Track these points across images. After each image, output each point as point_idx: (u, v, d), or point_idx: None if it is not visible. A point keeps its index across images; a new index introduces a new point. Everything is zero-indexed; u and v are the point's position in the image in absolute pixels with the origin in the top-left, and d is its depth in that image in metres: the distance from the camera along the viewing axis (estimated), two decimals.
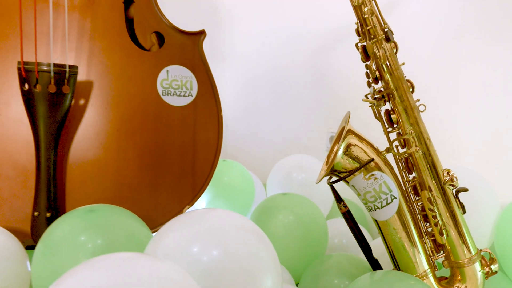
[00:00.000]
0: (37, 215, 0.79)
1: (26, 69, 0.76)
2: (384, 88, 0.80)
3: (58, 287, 0.44)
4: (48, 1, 0.83)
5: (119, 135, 0.86)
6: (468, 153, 1.10)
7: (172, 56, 0.91)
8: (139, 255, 0.49)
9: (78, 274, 0.45)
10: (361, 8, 0.78)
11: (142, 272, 0.45)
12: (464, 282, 0.79)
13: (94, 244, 0.66)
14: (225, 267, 0.57)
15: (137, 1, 0.90)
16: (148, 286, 0.44)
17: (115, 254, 0.48)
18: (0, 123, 0.82)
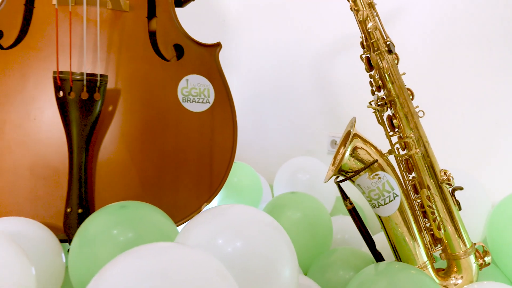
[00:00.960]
0: (69, 211, 0.81)
1: (61, 78, 0.79)
2: (386, 96, 0.82)
3: (107, 273, 0.46)
4: (79, 16, 0.86)
5: (143, 138, 0.88)
6: (461, 156, 1.12)
7: (191, 66, 0.93)
8: (175, 244, 0.51)
9: (123, 262, 0.47)
10: (366, 23, 0.80)
11: (178, 259, 0.48)
12: (460, 273, 0.81)
13: (126, 237, 0.67)
14: (248, 258, 0.59)
15: (159, 16, 0.93)
16: (184, 271, 0.46)
17: (154, 243, 0.50)
18: (35, 127, 0.84)
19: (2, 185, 0.81)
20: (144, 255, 0.47)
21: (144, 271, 0.45)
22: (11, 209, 0.82)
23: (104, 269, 0.47)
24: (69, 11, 0.82)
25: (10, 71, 0.84)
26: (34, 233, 0.73)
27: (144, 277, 0.45)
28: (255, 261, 0.59)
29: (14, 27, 0.86)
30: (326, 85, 1.57)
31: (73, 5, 0.85)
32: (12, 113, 0.83)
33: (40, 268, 0.68)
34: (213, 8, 1.81)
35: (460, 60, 1.15)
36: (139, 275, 0.45)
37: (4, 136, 0.82)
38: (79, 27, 0.85)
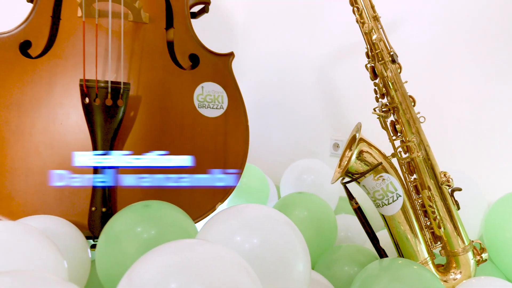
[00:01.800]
0: (94, 210, 0.82)
1: (87, 85, 0.80)
2: (390, 103, 0.83)
3: (139, 268, 0.47)
4: (103, 27, 0.87)
5: (162, 141, 0.89)
6: (459, 158, 1.13)
7: (206, 74, 0.94)
8: (201, 241, 0.52)
9: (154, 257, 0.48)
10: (371, 34, 0.82)
11: (204, 254, 0.49)
12: (459, 268, 0.82)
13: (149, 234, 0.69)
14: (264, 254, 0.60)
15: (176, 27, 0.94)
16: (210, 265, 0.48)
17: (181, 241, 0.52)
18: (62, 131, 0.85)
19: (30, 186, 0.83)
20: (173, 251, 0.49)
21: (174, 266, 0.47)
22: (39, 208, 0.83)
23: (137, 264, 0.48)
24: (96, 23, 0.83)
25: (38, 78, 0.86)
26: (62, 230, 0.74)
27: (174, 271, 0.46)
28: (271, 257, 0.60)
29: (42, 38, 0.87)
30: (328, 91, 1.58)
31: (94, 17, 0.87)
32: (40, 118, 0.84)
33: (69, 262, 0.69)
34: (222, 19, 1.82)
35: (455, 68, 1.16)
36: (169, 269, 0.46)
37: (33, 139, 0.83)
38: (102, 38, 0.86)
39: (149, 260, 0.48)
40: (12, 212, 0.82)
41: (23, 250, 0.57)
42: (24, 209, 0.83)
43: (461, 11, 1.16)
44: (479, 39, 1.13)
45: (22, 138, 0.83)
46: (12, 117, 0.83)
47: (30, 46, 0.86)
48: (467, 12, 1.15)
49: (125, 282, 0.47)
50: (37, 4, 0.88)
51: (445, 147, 1.07)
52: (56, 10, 0.88)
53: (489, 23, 1.11)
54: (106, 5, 0.86)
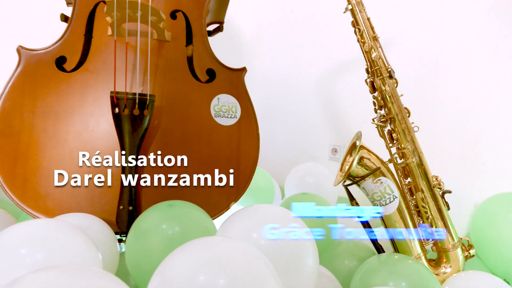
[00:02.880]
0: (121, 208, 0.83)
1: (117, 97, 0.81)
2: (387, 114, 0.85)
3: (170, 262, 0.49)
4: (130, 45, 0.89)
5: (182, 147, 0.90)
6: (447, 163, 1.14)
7: (222, 87, 0.95)
8: (222, 237, 0.54)
9: (183, 253, 0.50)
10: (371, 53, 0.83)
11: (228, 249, 0.50)
12: (449, 263, 0.83)
13: (173, 231, 0.70)
14: (277, 249, 0.61)
15: (195, 45, 0.96)
16: (233, 258, 0.49)
17: (206, 238, 0.53)
18: (93, 137, 0.86)
19: (65, 187, 0.84)
20: (200, 247, 0.50)
21: (202, 261, 0.48)
22: (72, 206, 0.84)
23: (168, 259, 0.50)
24: (126, 42, 0.85)
25: (72, 90, 0.87)
26: (94, 226, 0.75)
27: (202, 264, 0.47)
28: (283, 252, 0.61)
29: (76, 53, 0.89)
30: (327, 101, 1.60)
31: (124, 36, 0.88)
32: (74, 125, 0.86)
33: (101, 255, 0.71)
34: (231, 36, 1.84)
35: (443, 82, 1.18)
36: (198, 263, 0.47)
37: (68, 144, 0.85)
38: (129, 54, 0.88)
39: (179, 255, 0.49)
40: (48, 210, 0.83)
41: (62, 244, 0.58)
42: (59, 208, 0.84)
43: (447, 31, 1.17)
44: (463, 58, 1.15)
45: (58, 143, 0.84)
46: (49, 125, 0.85)
47: (65, 61, 0.88)
48: (453, 31, 1.16)
49: (158, 275, 0.48)
50: (71, 24, 0.89)
51: (434, 154, 1.09)
52: (88, 29, 0.90)
53: (473, 41, 1.13)
54: (133, 25, 0.88)
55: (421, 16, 1.23)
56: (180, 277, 0.46)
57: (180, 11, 0.95)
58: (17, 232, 0.56)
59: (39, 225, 0.59)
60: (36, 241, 0.56)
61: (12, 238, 0.55)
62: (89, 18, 0.90)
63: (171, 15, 0.94)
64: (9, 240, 0.55)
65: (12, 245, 0.54)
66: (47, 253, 0.55)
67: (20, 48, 0.86)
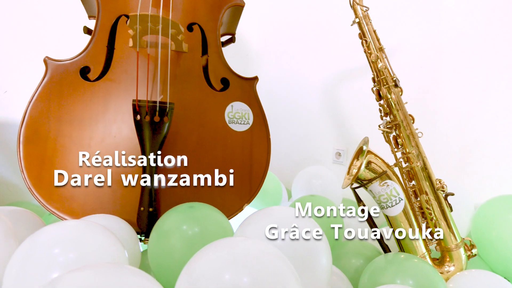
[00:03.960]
0: (142, 209, 0.84)
1: (139, 105, 0.82)
2: (392, 120, 0.85)
3: (197, 261, 0.49)
4: (150, 56, 0.90)
5: (199, 152, 0.91)
6: (446, 166, 1.15)
7: (235, 95, 0.96)
8: (244, 238, 0.54)
9: (208, 252, 0.50)
10: (377, 63, 0.84)
11: (250, 248, 0.51)
12: (452, 262, 0.84)
13: (193, 231, 0.70)
14: (293, 248, 0.62)
15: (210, 55, 0.97)
16: (255, 256, 0.49)
17: (229, 238, 0.53)
18: (115, 143, 0.87)
19: (89, 189, 0.85)
20: (224, 247, 0.51)
21: (226, 259, 0.48)
22: (96, 207, 0.85)
23: (193, 258, 0.50)
24: (148, 53, 0.86)
25: (95, 98, 0.88)
26: (118, 226, 0.76)
27: (226, 264, 0.48)
28: (298, 251, 0.62)
29: (99, 64, 0.90)
30: (331, 107, 1.60)
31: (145, 48, 0.90)
32: (97, 131, 0.87)
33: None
34: (238, 44, 1.85)
35: (443, 90, 1.18)
36: (223, 262, 0.48)
37: (91, 149, 0.85)
38: (150, 64, 0.88)
39: (204, 255, 0.50)
40: (73, 211, 0.84)
41: (92, 244, 0.59)
42: (83, 209, 0.84)
43: (445, 41, 1.18)
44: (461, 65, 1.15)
45: (82, 148, 0.85)
46: (74, 131, 0.86)
47: (89, 71, 0.89)
48: (452, 41, 1.17)
49: (185, 275, 0.49)
50: (95, 36, 0.91)
51: (434, 158, 1.09)
52: (110, 41, 0.91)
53: (471, 49, 1.14)
54: (152, 37, 0.89)
55: (421, 26, 1.23)
56: (206, 276, 0.47)
57: (196, 24, 0.96)
58: (50, 233, 0.57)
59: (70, 226, 0.60)
60: (68, 241, 0.56)
61: (45, 239, 0.56)
62: (111, 30, 0.91)
63: (188, 27, 0.95)
64: (43, 240, 0.56)
65: (46, 245, 0.55)
66: (78, 252, 0.56)
67: (47, 58, 0.87)
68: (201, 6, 0.97)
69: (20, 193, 1.36)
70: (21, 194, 1.36)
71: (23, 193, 1.36)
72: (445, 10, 1.17)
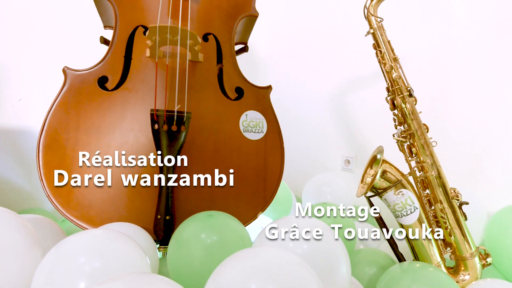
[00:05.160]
0: (159, 218, 0.85)
1: (157, 114, 0.83)
2: (406, 130, 0.86)
3: (223, 271, 0.50)
4: (167, 66, 0.91)
5: (214, 160, 0.92)
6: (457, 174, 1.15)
7: (249, 103, 0.97)
8: (268, 248, 0.55)
9: (233, 263, 0.51)
10: (392, 73, 0.85)
11: (274, 258, 0.52)
12: (467, 271, 0.84)
13: (212, 239, 0.71)
14: (313, 258, 0.62)
15: (225, 65, 0.98)
16: (279, 265, 0.50)
17: (252, 248, 0.54)
18: (132, 151, 0.88)
19: (107, 197, 0.85)
20: (249, 257, 0.51)
21: (252, 269, 0.49)
22: (113, 216, 0.86)
23: (219, 268, 0.51)
24: (167, 64, 0.87)
25: (113, 107, 0.89)
26: (137, 234, 0.77)
27: (252, 273, 0.49)
28: (318, 260, 0.62)
29: (116, 73, 0.91)
30: (339, 115, 1.61)
31: (162, 58, 0.91)
32: (115, 140, 0.88)
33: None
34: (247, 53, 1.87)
35: (451, 99, 1.19)
36: (248, 272, 0.49)
37: (109, 158, 0.86)
38: (165, 74, 0.90)
39: (230, 265, 0.51)
40: (91, 219, 0.85)
41: (116, 252, 0.60)
42: (100, 217, 0.85)
43: (454, 49, 1.19)
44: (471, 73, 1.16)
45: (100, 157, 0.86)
46: (92, 139, 0.87)
47: (107, 80, 0.90)
48: (460, 50, 1.18)
49: (211, 284, 0.50)
50: (112, 46, 0.92)
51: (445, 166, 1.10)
52: (128, 51, 0.92)
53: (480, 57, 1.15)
54: (170, 47, 0.90)
55: (430, 34, 1.25)
56: (232, 285, 0.48)
57: (211, 34, 0.97)
58: (75, 242, 0.58)
59: (93, 235, 0.61)
60: (93, 250, 0.57)
61: (71, 248, 0.57)
62: (128, 41, 0.93)
63: (203, 37, 0.96)
64: (68, 250, 0.56)
65: (72, 254, 0.56)
66: (103, 261, 0.56)
67: (66, 68, 0.89)
68: (216, 16, 0.98)
69: (32, 200, 1.37)
70: (33, 201, 1.37)
71: (35, 200, 1.37)
72: (454, 19, 1.19)
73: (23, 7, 1.33)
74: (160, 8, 0.89)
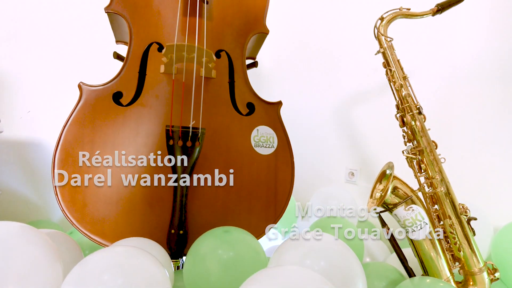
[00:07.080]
0: (173, 232, 0.86)
1: (172, 130, 0.85)
2: (416, 147, 0.88)
3: None
4: (180, 82, 0.93)
5: (226, 174, 0.93)
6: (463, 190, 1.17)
7: (260, 119, 0.99)
8: (291, 266, 0.56)
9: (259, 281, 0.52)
10: (401, 91, 0.87)
11: (298, 277, 0.53)
12: (475, 286, 0.85)
13: (228, 255, 0.72)
14: (330, 274, 0.64)
15: (237, 81, 1.00)
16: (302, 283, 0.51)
17: (275, 267, 0.55)
18: (146, 166, 0.89)
19: (121, 211, 0.86)
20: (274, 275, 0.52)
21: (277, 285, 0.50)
22: (126, 230, 0.87)
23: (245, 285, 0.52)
24: (183, 81, 0.89)
25: (127, 122, 0.91)
26: (152, 249, 0.78)
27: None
28: (336, 276, 0.64)
29: (131, 89, 0.92)
30: (343, 127, 1.63)
31: (177, 74, 0.93)
32: (129, 154, 0.89)
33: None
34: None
35: (456, 115, 1.22)
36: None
37: (123, 172, 0.87)
38: (180, 90, 0.91)
39: (255, 283, 0.52)
40: (104, 234, 0.86)
41: (137, 268, 0.60)
42: (114, 231, 0.86)
43: (461, 67, 1.22)
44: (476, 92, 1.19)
45: (114, 171, 0.87)
46: (107, 154, 0.88)
47: (122, 96, 0.92)
48: (466, 69, 1.21)
49: None
50: (127, 62, 0.94)
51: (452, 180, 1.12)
52: (142, 67, 0.94)
53: (485, 77, 1.17)
54: (183, 64, 0.92)
55: (436, 52, 1.28)
56: None
57: (223, 51, 0.99)
58: (98, 259, 0.59)
59: (115, 252, 0.62)
60: (116, 267, 0.58)
61: (94, 266, 0.58)
62: (143, 57, 0.94)
63: (215, 54, 0.98)
64: (92, 267, 0.57)
65: (96, 272, 0.56)
66: (126, 278, 0.57)
67: (81, 84, 0.90)
68: (228, 33, 1.00)
69: (38, 211, 1.37)
70: (40, 213, 1.37)
71: (42, 212, 1.37)
72: (459, 39, 1.22)
73: (34, 21, 1.34)
74: (177, 27, 0.91)
